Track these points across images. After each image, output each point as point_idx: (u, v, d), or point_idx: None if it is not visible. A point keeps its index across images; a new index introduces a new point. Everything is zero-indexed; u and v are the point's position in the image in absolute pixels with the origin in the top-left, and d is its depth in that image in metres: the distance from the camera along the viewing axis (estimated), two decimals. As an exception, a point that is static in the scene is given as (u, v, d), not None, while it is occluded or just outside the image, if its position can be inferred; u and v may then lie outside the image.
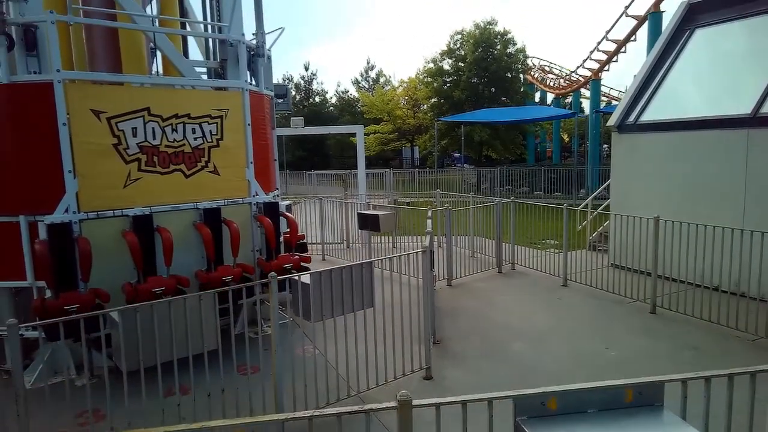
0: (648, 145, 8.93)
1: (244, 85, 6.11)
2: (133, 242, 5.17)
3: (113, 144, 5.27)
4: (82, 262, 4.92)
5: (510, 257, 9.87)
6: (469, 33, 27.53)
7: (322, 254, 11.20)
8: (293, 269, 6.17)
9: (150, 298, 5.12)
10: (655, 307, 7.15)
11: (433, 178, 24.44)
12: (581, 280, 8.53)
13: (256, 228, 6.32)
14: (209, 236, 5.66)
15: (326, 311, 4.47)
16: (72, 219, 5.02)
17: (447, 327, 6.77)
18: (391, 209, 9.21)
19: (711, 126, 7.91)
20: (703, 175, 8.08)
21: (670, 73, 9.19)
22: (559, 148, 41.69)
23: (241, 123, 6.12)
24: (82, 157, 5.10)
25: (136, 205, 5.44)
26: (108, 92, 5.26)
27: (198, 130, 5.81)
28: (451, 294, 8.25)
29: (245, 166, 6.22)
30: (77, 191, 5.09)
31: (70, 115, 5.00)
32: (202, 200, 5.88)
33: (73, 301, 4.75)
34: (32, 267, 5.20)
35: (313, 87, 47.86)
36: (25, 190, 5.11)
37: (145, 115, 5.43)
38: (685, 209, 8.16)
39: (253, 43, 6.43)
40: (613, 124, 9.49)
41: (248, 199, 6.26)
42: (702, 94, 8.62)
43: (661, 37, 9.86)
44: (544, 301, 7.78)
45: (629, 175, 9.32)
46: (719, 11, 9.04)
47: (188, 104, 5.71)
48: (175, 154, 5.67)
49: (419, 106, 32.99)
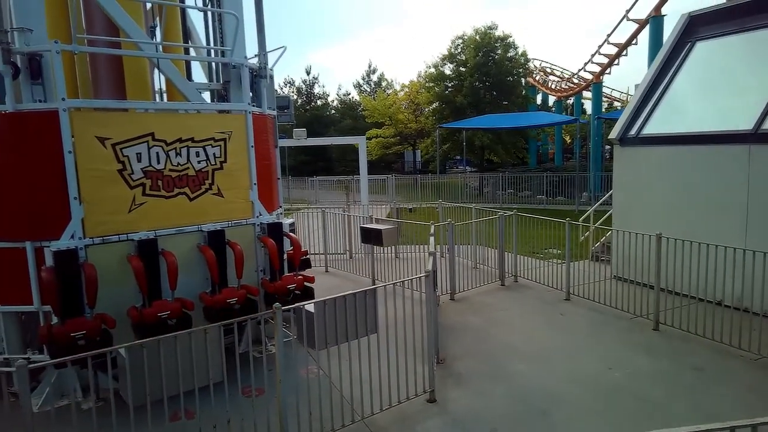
0: (650, 158, 8.95)
1: (247, 108, 6.15)
2: (138, 267, 5.21)
3: (118, 170, 5.31)
4: (88, 288, 4.95)
5: (512, 269, 9.90)
6: (469, 38, 27.55)
7: (325, 266, 11.24)
8: (297, 290, 6.21)
9: (155, 322, 5.18)
10: (657, 323, 7.16)
11: (435, 182, 24.46)
12: (584, 293, 8.54)
13: (260, 248, 6.35)
14: (213, 259, 5.69)
15: (330, 339, 4.50)
16: (78, 245, 5.06)
17: (450, 345, 6.80)
18: (393, 223, 9.24)
19: (713, 141, 7.93)
20: (706, 190, 8.10)
21: (671, 86, 9.21)
22: (561, 150, 41.72)
23: (245, 145, 6.15)
24: (87, 184, 5.14)
25: (141, 230, 5.48)
26: (113, 119, 5.30)
27: (202, 153, 5.85)
28: (455, 309, 8.28)
29: (249, 188, 6.26)
30: (83, 217, 5.13)
31: (76, 142, 5.04)
32: (206, 222, 5.92)
33: (79, 328, 4.79)
34: (39, 292, 5.24)
35: (315, 91, 47.97)
36: (32, 216, 5.16)
37: (149, 140, 5.47)
38: (687, 224, 8.18)
39: (256, 64, 6.47)
40: (615, 137, 9.51)
41: (252, 220, 6.30)
42: (703, 108, 8.64)
43: (662, 50, 9.87)
44: (547, 317, 7.80)
45: (631, 187, 9.34)
46: (720, 24, 9.05)
47: (192, 128, 5.75)
48: (179, 178, 5.71)
49: (421, 110, 33.02)
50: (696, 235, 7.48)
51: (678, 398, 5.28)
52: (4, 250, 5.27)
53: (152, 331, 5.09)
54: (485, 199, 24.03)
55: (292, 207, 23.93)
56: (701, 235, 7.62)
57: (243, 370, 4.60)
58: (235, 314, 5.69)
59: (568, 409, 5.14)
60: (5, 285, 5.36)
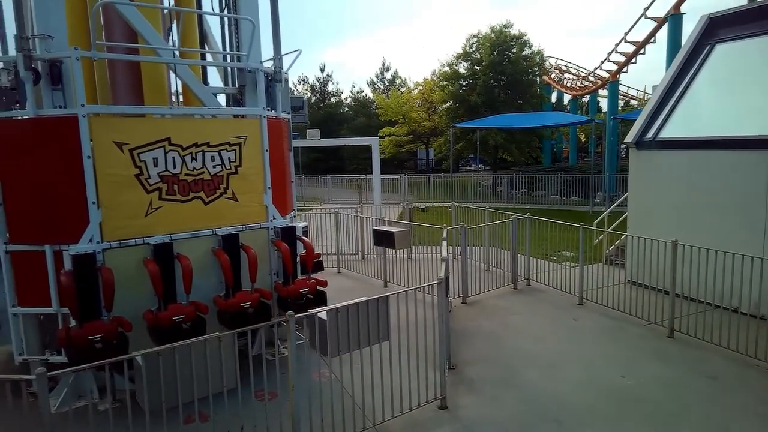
0: (667, 162, 8.84)
1: (262, 112, 6.19)
2: (154, 271, 5.28)
3: (135, 174, 5.38)
4: (105, 292, 5.04)
5: (525, 272, 9.86)
6: (485, 36, 27.36)
7: (338, 266, 11.28)
8: (309, 293, 6.25)
9: (170, 325, 5.25)
10: (672, 331, 7.09)
11: (448, 180, 24.40)
12: (597, 298, 8.48)
13: (274, 252, 6.40)
14: (228, 263, 5.75)
15: (342, 346, 4.54)
16: (95, 249, 5.15)
17: (462, 350, 6.80)
18: (406, 226, 9.24)
19: (731, 146, 7.81)
20: (724, 197, 7.98)
21: (689, 89, 9.08)
22: (575, 148, 41.32)
23: (259, 149, 6.20)
24: (105, 189, 5.22)
25: (157, 233, 5.55)
26: (130, 124, 5.37)
27: (217, 157, 5.91)
28: (467, 313, 8.27)
29: (263, 192, 6.31)
30: (100, 221, 5.21)
31: (94, 147, 5.12)
32: (220, 226, 5.98)
33: (96, 331, 4.87)
34: (57, 294, 5.34)
35: (329, 88, 48.04)
36: (51, 220, 5.25)
37: (165, 145, 5.53)
38: (704, 230, 8.09)
39: (271, 68, 6.50)
40: (631, 141, 9.41)
41: (266, 223, 6.35)
42: (722, 112, 8.51)
43: (680, 52, 9.74)
44: (560, 323, 7.76)
45: (647, 192, 9.24)
46: (740, 26, 8.90)
47: (207, 133, 5.81)
48: (194, 182, 5.78)
49: (434, 108, 32.91)
50: (712, 242, 7.38)
51: (691, 408, 5.24)
52: (23, 253, 5.37)
53: (167, 335, 5.19)
54: (498, 199, 23.91)
55: (305, 205, 24.11)
56: (718, 243, 7.52)
57: (256, 373, 4.65)
58: (248, 318, 5.77)
59: (581, 418, 5.12)
60: (25, 287, 5.46)
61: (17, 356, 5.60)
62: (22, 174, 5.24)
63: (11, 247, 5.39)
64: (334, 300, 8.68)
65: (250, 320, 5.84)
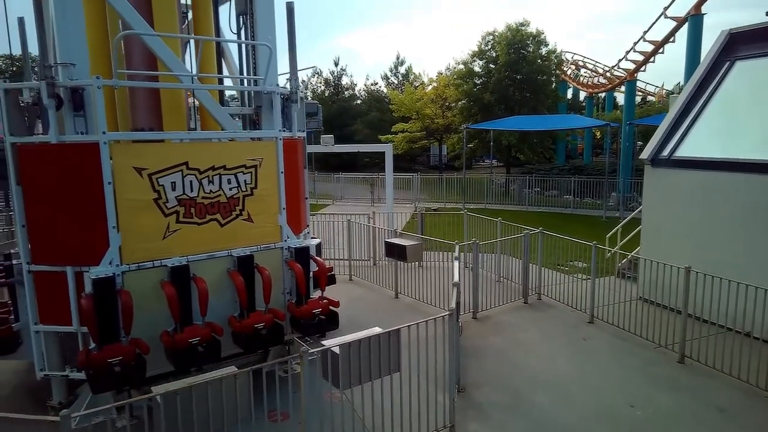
0: (682, 181, 8.77)
1: (278, 134, 6.25)
2: (171, 294, 5.39)
3: (154, 198, 5.48)
4: (124, 315, 5.16)
5: (536, 286, 9.87)
6: (501, 35, 27.10)
7: (349, 274, 11.38)
8: (322, 314, 6.35)
9: (186, 348, 5.38)
10: (683, 356, 7.10)
11: (460, 178, 24.28)
12: (608, 317, 8.49)
13: (287, 271, 6.50)
14: (242, 285, 5.85)
15: (354, 380, 4.62)
16: (115, 272, 5.27)
17: (471, 371, 6.87)
18: (417, 239, 9.29)
19: (750, 170, 7.73)
20: (739, 220, 7.92)
21: (707, 106, 8.98)
22: (590, 146, 40.91)
23: (275, 171, 6.28)
24: (124, 213, 5.33)
25: (174, 256, 5.66)
26: (149, 150, 5.47)
27: (233, 180, 5.99)
28: (477, 329, 8.33)
29: (278, 213, 6.39)
30: (120, 245, 5.33)
31: (114, 173, 5.22)
32: (236, 247, 6.07)
33: (115, 354, 5.00)
34: (78, 314, 5.49)
35: (343, 82, 47.95)
36: (72, 243, 5.38)
37: (183, 169, 5.62)
38: (717, 250, 8.06)
39: (287, 90, 6.55)
40: (646, 158, 9.34)
41: (280, 244, 6.43)
42: (741, 132, 8.40)
43: (699, 67, 9.61)
44: (569, 342, 7.80)
45: (661, 209, 9.18)
46: (762, 43, 8.76)
47: (224, 156, 5.89)
48: (211, 205, 5.87)
49: (448, 105, 32.76)
50: (727, 266, 7.36)
51: (700, 442, 5.27)
52: (45, 274, 5.53)
53: (184, 357, 5.33)
54: (511, 200, 23.79)
55: (318, 202, 24.23)
56: (732, 267, 7.50)
57: (269, 390, 4.73)
58: (262, 339, 5.89)
59: (588, 450, 5.18)
60: (46, 306, 5.62)
61: (39, 371, 5.78)
62: (44, 198, 5.37)
63: (34, 267, 5.54)
64: (346, 308, 8.85)
65: (263, 341, 5.98)
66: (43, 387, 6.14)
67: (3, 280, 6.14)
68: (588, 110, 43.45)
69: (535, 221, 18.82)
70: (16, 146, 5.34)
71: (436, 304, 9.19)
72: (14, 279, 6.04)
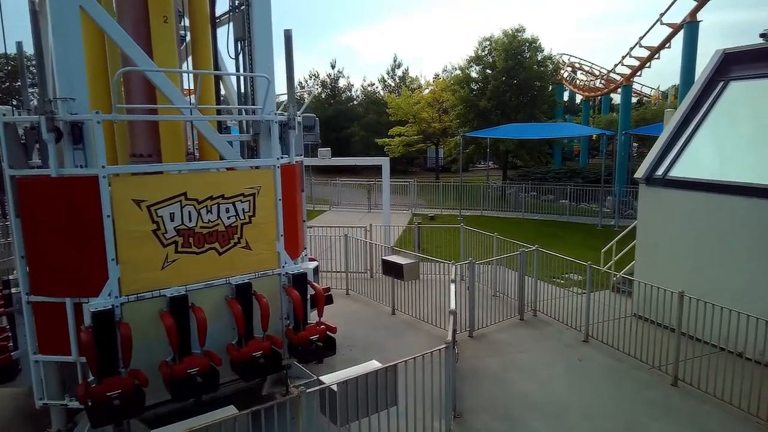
0: (676, 201, 8.86)
1: (276, 162, 6.30)
2: (169, 325, 5.44)
3: (152, 230, 5.52)
4: (123, 347, 5.21)
5: (532, 302, 9.95)
6: (497, 40, 27.17)
7: (346, 288, 11.42)
8: (319, 340, 6.40)
9: (185, 378, 5.43)
10: (676, 379, 7.19)
11: (457, 185, 24.36)
12: (603, 336, 8.56)
13: (285, 297, 6.54)
14: (240, 314, 5.90)
15: (352, 415, 4.68)
16: (114, 303, 5.31)
17: (468, 395, 6.93)
18: (414, 257, 9.35)
19: (742, 193, 7.81)
20: (734, 244, 8.01)
21: (701, 127, 9.07)
22: (586, 148, 41.07)
23: (273, 199, 6.32)
24: (123, 245, 5.36)
25: (173, 285, 5.70)
26: (148, 181, 5.51)
27: (231, 209, 6.03)
28: (473, 349, 8.39)
29: (276, 239, 6.43)
30: (119, 276, 5.37)
31: (113, 205, 5.25)
32: (234, 275, 6.11)
33: (114, 387, 5.04)
34: (77, 344, 5.53)
35: (340, 84, 47.96)
36: (72, 275, 5.40)
37: (182, 199, 5.66)
38: (712, 275, 8.17)
39: (285, 117, 6.59)
40: (641, 177, 9.42)
41: (278, 270, 6.48)
42: (734, 154, 8.50)
43: (693, 87, 9.69)
44: (565, 363, 7.87)
45: (656, 227, 9.27)
46: (757, 65, 8.85)
47: (222, 185, 5.93)
48: (209, 234, 5.91)
49: (445, 109, 32.82)
50: (720, 289, 7.48)
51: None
52: (45, 305, 5.55)
53: (182, 388, 5.39)
54: (508, 205, 23.88)
55: (315, 208, 24.26)
56: (727, 289, 7.61)
57: (266, 413, 4.76)
58: (260, 367, 5.95)
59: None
60: (45, 336, 5.65)
61: (38, 401, 5.81)
62: (43, 230, 5.39)
63: (33, 297, 5.57)
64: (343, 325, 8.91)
65: (262, 370, 6.03)
66: (43, 413, 6.18)
67: (2, 309, 6.16)
68: (584, 112, 43.63)
69: (531, 230, 18.96)
70: (16, 179, 5.36)
71: (433, 321, 9.25)
72: (13, 308, 6.07)
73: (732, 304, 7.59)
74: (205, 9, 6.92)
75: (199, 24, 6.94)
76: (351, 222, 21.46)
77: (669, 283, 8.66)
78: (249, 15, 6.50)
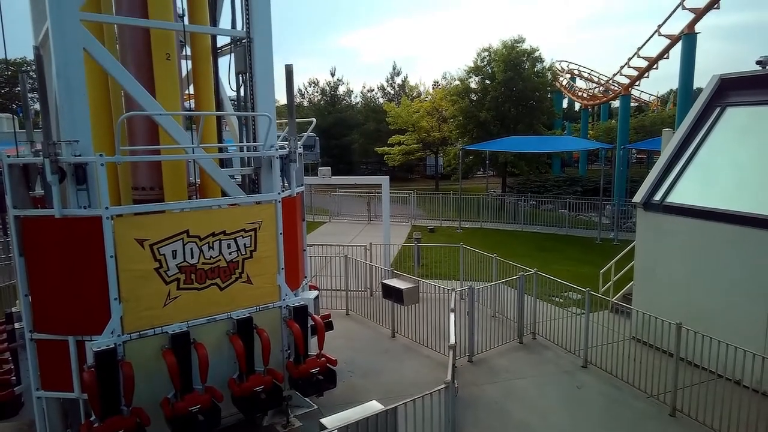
0: (673, 227, 8.92)
1: (277, 197, 6.36)
2: (171, 363, 5.49)
3: (155, 268, 5.59)
4: (125, 387, 5.26)
5: (531, 324, 9.99)
6: (496, 51, 27.29)
7: (346, 309, 11.45)
8: (320, 373, 6.46)
9: (187, 415, 5.48)
10: (674, 410, 7.23)
11: (456, 197, 24.43)
12: (601, 361, 8.60)
13: (286, 329, 6.59)
14: (242, 349, 5.95)
15: (353, 460, 4.73)
16: (116, 342, 5.36)
17: (466, 425, 6.97)
18: (414, 281, 9.40)
19: (738, 222, 7.87)
20: (729, 274, 8.06)
21: (698, 153, 9.14)
22: (586, 154, 41.15)
23: (274, 233, 6.38)
24: (126, 284, 5.43)
25: (175, 322, 5.76)
26: (151, 221, 5.57)
27: (233, 244, 6.10)
28: (472, 375, 8.43)
29: (277, 272, 6.49)
30: (121, 315, 5.42)
31: (117, 245, 5.32)
32: (235, 309, 6.17)
33: (117, 427, 5.10)
34: (79, 382, 5.58)
35: (339, 91, 48.09)
36: (75, 314, 5.46)
37: (184, 237, 5.73)
38: (708, 302, 8.21)
39: (286, 150, 6.66)
40: (639, 201, 9.49)
41: (278, 303, 6.53)
42: (730, 182, 8.55)
43: (691, 111, 9.76)
44: (563, 391, 7.91)
45: (655, 253, 9.32)
46: (753, 91, 8.93)
47: (224, 221, 5.99)
48: (211, 270, 5.97)
49: (444, 119, 32.93)
50: (717, 317, 7.55)
51: None
52: (48, 342, 5.61)
53: (184, 426, 5.44)
54: (507, 216, 23.90)
55: (315, 219, 24.31)
56: (722, 319, 7.69)
57: None
58: (261, 403, 6.00)
59: None
60: (48, 373, 5.70)
61: (40, 436, 5.86)
62: (47, 269, 5.45)
63: (36, 335, 5.62)
64: (343, 350, 8.94)
65: (263, 405, 6.08)
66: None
67: (5, 344, 6.21)
68: (583, 119, 43.75)
69: (530, 244, 19.00)
70: (20, 219, 5.42)
71: (433, 345, 9.29)
72: (16, 344, 6.12)
73: (729, 332, 7.66)
74: (206, 42, 7.01)
75: (201, 56, 7.02)
76: (350, 233, 21.56)
77: (667, 307, 8.73)
78: (250, 50, 6.57)
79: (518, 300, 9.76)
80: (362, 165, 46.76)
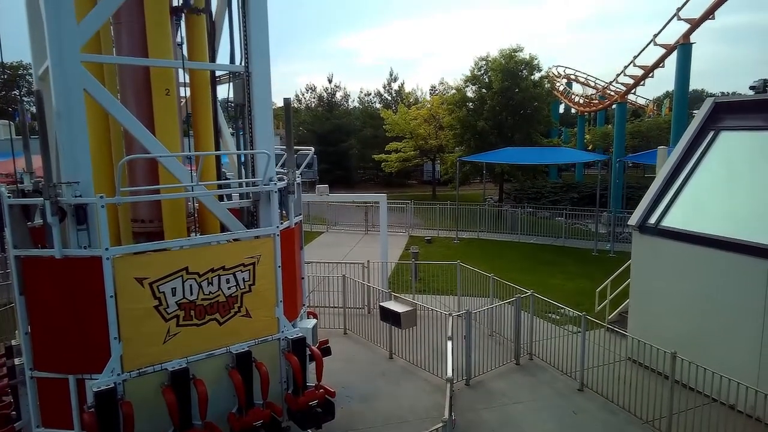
0: (668, 251, 9.01)
1: (276, 231, 6.41)
2: (171, 401, 5.53)
3: (155, 306, 5.62)
4: (125, 426, 5.29)
5: (528, 344, 10.05)
6: (494, 60, 27.38)
7: (344, 327, 11.50)
8: (318, 406, 6.51)
9: (186, 454, 5.52)
10: (669, 437, 7.32)
11: (453, 208, 24.50)
12: (597, 385, 8.67)
13: (284, 361, 6.64)
14: (241, 384, 5.99)
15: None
16: (116, 381, 5.39)
17: (464, 454, 7.04)
18: (411, 304, 9.45)
19: (731, 248, 7.95)
20: (722, 300, 8.14)
21: (692, 177, 9.22)
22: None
23: (273, 266, 6.42)
24: (126, 322, 5.45)
25: (174, 358, 5.79)
26: (150, 260, 5.60)
27: (232, 279, 6.14)
28: (469, 400, 8.48)
29: (275, 305, 6.53)
30: (121, 354, 5.46)
31: (116, 284, 5.35)
32: (234, 343, 6.21)
33: (118, 467, 5.14)
34: (79, 421, 5.61)
35: (337, 97, 48.17)
36: (75, 353, 5.49)
37: (183, 274, 5.76)
38: (702, 327, 8.30)
39: (284, 183, 6.71)
40: (634, 224, 9.57)
41: (277, 335, 6.58)
42: (723, 208, 8.63)
43: (685, 134, 9.85)
44: (559, 417, 7.97)
45: (650, 275, 9.41)
46: (747, 116, 9.02)
47: (223, 257, 6.03)
48: (210, 305, 6.01)
49: (441, 126, 33.01)
50: (712, 343, 7.64)
51: None
52: (48, 380, 5.64)
53: (184, 464, 5.47)
54: (504, 226, 23.97)
55: (312, 229, 24.34)
56: (716, 343, 7.78)
57: None
58: (261, 438, 6.04)
59: None
60: (48, 410, 5.73)
61: (41, 472, 5.88)
62: (47, 308, 5.48)
63: (36, 373, 5.65)
64: (341, 373, 8.99)
65: (263, 437, 6.12)
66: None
67: (6, 381, 6.24)
68: (579, 125, 43.98)
69: (527, 257, 19.05)
70: (20, 259, 5.46)
71: (430, 368, 9.35)
72: (17, 380, 6.15)
73: (724, 355, 7.76)
74: (205, 75, 7.04)
75: (200, 84, 7.02)
76: (348, 243, 21.60)
77: (662, 329, 8.82)
78: (249, 84, 6.62)
79: (515, 321, 9.82)
80: (359, 171, 46.87)
